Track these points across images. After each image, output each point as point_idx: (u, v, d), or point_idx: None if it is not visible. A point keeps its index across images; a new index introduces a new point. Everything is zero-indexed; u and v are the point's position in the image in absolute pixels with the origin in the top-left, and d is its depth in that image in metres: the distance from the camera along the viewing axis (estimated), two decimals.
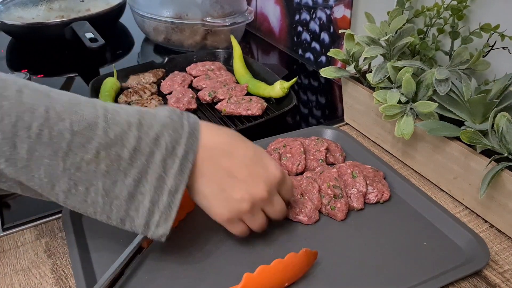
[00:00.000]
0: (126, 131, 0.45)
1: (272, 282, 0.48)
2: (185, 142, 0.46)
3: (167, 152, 0.45)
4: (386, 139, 0.74)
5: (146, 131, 0.45)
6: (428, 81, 0.63)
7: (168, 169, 0.46)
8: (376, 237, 0.57)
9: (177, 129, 0.46)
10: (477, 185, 0.59)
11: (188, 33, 1.08)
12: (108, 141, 0.44)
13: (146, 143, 0.45)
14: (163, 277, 0.52)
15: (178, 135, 0.46)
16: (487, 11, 0.68)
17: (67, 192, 0.44)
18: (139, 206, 0.46)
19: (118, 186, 0.45)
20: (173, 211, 0.46)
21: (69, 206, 0.46)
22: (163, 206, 0.46)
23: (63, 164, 0.43)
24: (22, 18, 1.23)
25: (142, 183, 0.45)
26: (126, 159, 0.44)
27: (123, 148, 0.44)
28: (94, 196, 0.45)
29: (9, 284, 0.53)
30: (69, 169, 0.43)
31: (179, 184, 0.46)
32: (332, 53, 0.74)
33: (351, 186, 0.62)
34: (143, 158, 0.45)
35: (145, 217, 0.46)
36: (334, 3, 0.95)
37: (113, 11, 1.20)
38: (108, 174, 0.44)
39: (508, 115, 0.55)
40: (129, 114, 0.46)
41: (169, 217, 0.46)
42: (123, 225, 0.47)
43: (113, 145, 0.44)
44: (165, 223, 0.46)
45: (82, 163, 0.43)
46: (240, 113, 0.81)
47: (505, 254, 0.56)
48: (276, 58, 1.15)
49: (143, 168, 0.45)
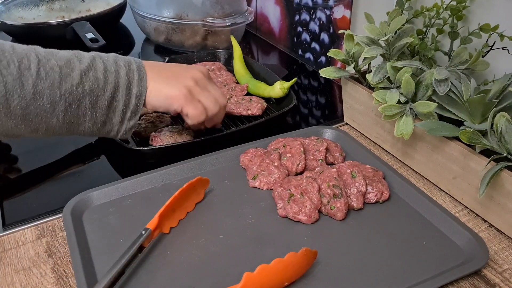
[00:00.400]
0: (93, 60, 0.61)
1: (272, 281, 0.48)
2: (134, 61, 0.65)
3: (126, 68, 0.63)
4: (386, 139, 0.74)
5: (106, 59, 0.63)
6: (428, 81, 0.63)
7: (131, 80, 0.63)
8: (375, 237, 0.57)
9: (124, 57, 0.65)
10: (477, 185, 0.59)
11: (188, 34, 1.08)
12: (84, 68, 0.60)
13: (110, 64, 0.62)
14: (163, 277, 0.52)
15: (127, 59, 0.64)
16: (486, 12, 0.68)
17: (64, 111, 0.59)
18: (116, 109, 0.63)
19: (100, 99, 0.61)
20: (139, 108, 0.64)
21: (66, 123, 0.60)
22: (132, 106, 0.64)
23: (59, 91, 0.58)
24: (23, 19, 1.23)
25: (117, 93, 0.62)
26: (101, 78, 0.61)
27: (97, 71, 0.60)
28: (84, 109, 0.60)
29: (10, 283, 0.53)
30: (64, 94, 0.58)
31: (141, 89, 0.64)
32: (331, 54, 0.74)
33: (351, 185, 0.62)
34: (112, 76, 0.62)
35: (120, 115, 0.63)
36: (333, 4, 0.96)
37: (114, 11, 1.20)
38: (91, 92, 0.60)
39: (507, 115, 0.55)
40: (89, 53, 0.63)
41: (137, 113, 0.64)
42: (104, 126, 0.63)
43: (89, 70, 0.60)
44: (134, 117, 0.64)
45: (73, 88, 0.59)
46: (240, 113, 0.81)
47: (504, 254, 0.57)
48: (276, 58, 1.15)
49: (115, 82, 0.62)
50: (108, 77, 0.61)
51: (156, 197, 0.63)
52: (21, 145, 0.77)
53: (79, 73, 0.59)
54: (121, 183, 0.64)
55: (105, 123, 0.63)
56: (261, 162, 0.67)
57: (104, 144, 0.77)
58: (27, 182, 0.70)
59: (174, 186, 0.64)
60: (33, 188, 0.68)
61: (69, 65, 0.59)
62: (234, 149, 0.71)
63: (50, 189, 0.69)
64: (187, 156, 0.69)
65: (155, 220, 0.55)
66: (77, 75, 0.59)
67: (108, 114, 0.62)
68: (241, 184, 0.66)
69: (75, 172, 0.72)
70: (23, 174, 0.72)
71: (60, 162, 0.74)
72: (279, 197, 0.61)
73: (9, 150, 0.76)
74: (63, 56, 0.60)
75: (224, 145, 0.72)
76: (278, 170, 0.66)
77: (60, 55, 0.60)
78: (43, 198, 0.66)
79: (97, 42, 1.00)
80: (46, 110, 0.58)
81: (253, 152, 0.69)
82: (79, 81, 0.59)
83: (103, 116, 0.62)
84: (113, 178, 0.68)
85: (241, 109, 0.81)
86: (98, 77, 0.60)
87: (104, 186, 0.63)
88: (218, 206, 0.62)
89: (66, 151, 0.76)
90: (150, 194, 0.64)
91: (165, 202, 0.57)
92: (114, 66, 0.62)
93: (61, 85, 0.58)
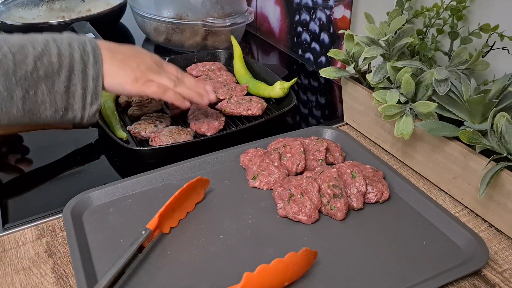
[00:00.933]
0: (47, 44, 0.61)
1: (272, 281, 0.48)
2: (89, 42, 0.64)
3: (80, 51, 0.62)
4: (386, 139, 0.74)
5: (61, 42, 0.62)
6: (428, 81, 0.63)
7: (86, 62, 0.62)
8: (375, 237, 0.57)
9: (78, 38, 0.64)
10: (477, 185, 0.59)
11: (188, 34, 1.08)
12: (38, 54, 0.59)
13: (64, 48, 0.61)
14: (163, 277, 0.52)
15: (82, 40, 0.64)
16: (486, 12, 0.68)
17: (23, 99, 0.58)
18: (75, 94, 0.62)
19: (56, 84, 0.60)
20: (99, 91, 0.63)
21: (27, 111, 0.59)
22: (91, 90, 0.63)
23: (14, 78, 0.57)
24: (23, 19, 1.23)
25: (72, 77, 0.61)
26: (56, 63, 0.60)
27: (51, 56, 0.60)
28: (42, 96, 0.60)
29: (10, 283, 0.53)
30: (20, 81, 0.58)
31: (98, 71, 0.63)
32: (332, 54, 0.74)
33: (351, 185, 0.62)
34: (67, 59, 0.61)
35: (81, 100, 0.62)
36: (333, 4, 0.96)
37: (114, 11, 1.20)
38: (47, 77, 0.60)
39: (507, 115, 0.55)
40: (43, 36, 0.62)
41: (98, 96, 0.64)
42: (66, 112, 0.62)
43: (43, 55, 0.60)
44: (96, 101, 0.64)
45: (27, 74, 0.58)
46: (240, 113, 0.81)
47: (504, 254, 0.57)
48: (276, 58, 1.15)
49: (70, 66, 0.61)
50: (63, 61, 0.61)
51: (156, 197, 0.63)
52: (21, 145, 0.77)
53: (32, 59, 0.59)
54: (121, 183, 0.64)
55: (67, 110, 0.62)
56: (261, 162, 0.67)
57: (104, 144, 0.77)
58: (27, 182, 0.70)
59: (174, 186, 0.64)
60: (33, 188, 0.68)
61: (22, 51, 0.59)
62: (234, 149, 0.71)
63: (50, 189, 0.69)
64: (187, 156, 0.69)
65: (155, 220, 0.55)
66: (31, 61, 0.58)
67: (68, 99, 0.62)
68: (241, 184, 0.66)
69: (75, 172, 0.72)
70: (23, 174, 0.72)
71: (60, 162, 0.74)
72: (279, 197, 0.61)
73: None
74: (16, 42, 0.59)
75: (224, 145, 0.72)
76: (278, 170, 0.66)
77: (13, 41, 0.59)
78: (43, 198, 0.66)
79: None
80: (4, 98, 0.57)
81: (253, 152, 0.69)
82: (33, 67, 0.58)
83: (63, 102, 0.61)
84: (113, 178, 0.68)
85: (241, 109, 0.81)
86: (52, 62, 0.60)
87: (104, 186, 0.63)
88: (218, 206, 0.62)
89: (66, 151, 0.76)
90: (150, 194, 0.64)
91: (165, 202, 0.57)
92: (68, 49, 0.62)
93: (16, 72, 0.57)
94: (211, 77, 0.92)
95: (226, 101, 0.83)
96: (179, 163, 0.68)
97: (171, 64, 0.74)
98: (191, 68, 0.96)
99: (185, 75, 0.74)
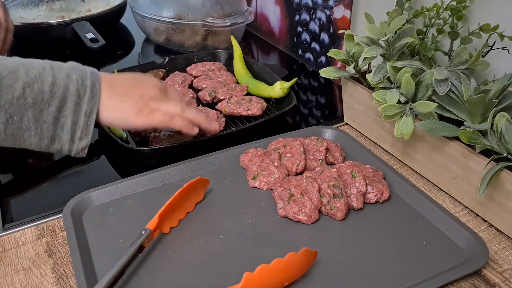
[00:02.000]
0: (42, 72, 0.58)
1: (272, 281, 0.48)
2: (90, 76, 0.61)
3: (77, 83, 0.59)
4: (386, 139, 0.74)
5: (58, 71, 0.59)
6: (428, 81, 0.63)
7: (82, 96, 0.59)
8: (375, 237, 0.57)
9: (81, 69, 0.61)
10: (477, 185, 0.59)
11: (188, 34, 1.08)
12: (30, 80, 0.57)
13: (61, 78, 0.58)
14: (163, 277, 0.52)
15: (84, 73, 0.61)
16: (486, 12, 0.68)
17: (5, 123, 0.56)
18: (64, 126, 0.59)
19: (44, 113, 0.57)
20: (90, 127, 0.61)
21: (9, 135, 0.57)
22: (82, 125, 0.60)
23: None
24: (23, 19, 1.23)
25: (63, 109, 0.58)
26: (47, 92, 0.57)
27: (43, 84, 0.57)
28: (27, 123, 0.57)
29: (10, 283, 0.53)
30: (4, 105, 0.55)
31: (93, 107, 0.60)
32: (332, 54, 0.74)
33: (351, 185, 0.62)
34: (60, 90, 0.58)
35: (69, 133, 0.59)
36: (334, 4, 0.96)
37: (114, 11, 1.20)
38: (35, 105, 0.57)
39: (507, 115, 0.55)
40: (41, 62, 0.60)
41: (89, 132, 0.61)
42: (53, 143, 0.59)
43: (35, 82, 0.57)
44: (86, 137, 0.61)
45: (13, 99, 0.56)
46: (240, 113, 0.81)
47: (504, 254, 0.57)
48: (276, 58, 1.15)
49: (63, 97, 0.58)
50: (55, 91, 0.58)
51: (156, 197, 0.63)
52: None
53: (22, 85, 0.56)
54: (121, 183, 0.64)
55: (53, 140, 0.59)
56: (261, 162, 0.67)
57: (104, 144, 0.77)
58: (27, 182, 0.70)
59: (174, 186, 0.64)
60: (33, 188, 0.69)
61: (13, 75, 0.56)
62: (234, 149, 0.71)
63: (50, 189, 0.69)
64: (187, 156, 0.69)
65: (155, 220, 0.55)
66: (19, 86, 0.56)
67: (56, 130, 0.59)
68: (241, 184, 0.66)
69: (75, 172, 0.72)
70: (23, 174, 0.72)
71: (60, 162, 0.74)
72: (279, 197, 0.61)
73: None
74: (8, 66, 0.57)
75: (224, 145, 0.72)
76: (278, 170, 0.66)
77: (5, 64, 0.57)
78: (43, 198, 0.66)
79: (97, 42, 1.00)
80: None
81: (253, 152, 0.69)
82: (21, 93, 0.56)
83: (49, 131, 0.58)
84: (113, 178, 0.68)
85: (241, 109, 0.81)
86: (44, 90, 0.57)
87: (104, 186, 0.63)
88: (218, 206, 0.62)
89: None
90: (150, 194, 0.64)
91: (165, 202, 0.57)
92: (64, 79, 0.59)
93: (1, 96, 0.55)
94: (211, 77, 0.92)
95: (226, 101, 0.83)
96: (179, 163, 0.68)
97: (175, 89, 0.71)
98: (191, 68, 0.96)
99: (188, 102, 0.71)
